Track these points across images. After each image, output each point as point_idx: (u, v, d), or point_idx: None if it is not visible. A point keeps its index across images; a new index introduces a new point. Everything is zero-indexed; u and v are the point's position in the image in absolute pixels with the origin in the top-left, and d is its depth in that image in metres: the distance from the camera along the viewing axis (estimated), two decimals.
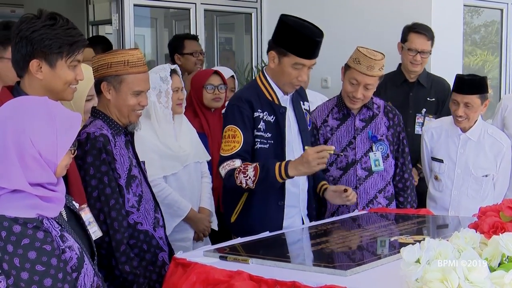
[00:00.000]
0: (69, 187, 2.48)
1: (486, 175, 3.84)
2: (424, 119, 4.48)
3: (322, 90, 5.30)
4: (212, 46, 6.62)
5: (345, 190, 3.21)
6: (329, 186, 3.36)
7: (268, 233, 2.89)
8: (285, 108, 3.20)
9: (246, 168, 3.04)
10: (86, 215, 2.48)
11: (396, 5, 5.17)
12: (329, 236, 2.85)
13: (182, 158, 3.57)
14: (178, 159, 3.56)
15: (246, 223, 3.15)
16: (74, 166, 2.58)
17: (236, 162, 3.07)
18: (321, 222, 3.21)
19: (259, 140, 3.13)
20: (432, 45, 4.58)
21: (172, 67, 3.62)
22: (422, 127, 4.31)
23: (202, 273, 2.31)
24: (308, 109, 3.39)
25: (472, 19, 6.84)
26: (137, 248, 2.82)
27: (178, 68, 3.67)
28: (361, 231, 2.99)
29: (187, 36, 5.22)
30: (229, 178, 3.08)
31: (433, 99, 4.53)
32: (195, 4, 5.77)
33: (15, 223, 1.90)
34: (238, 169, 3.05)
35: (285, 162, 3.03)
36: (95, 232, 2.53)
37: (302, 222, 3.30)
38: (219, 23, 6.78)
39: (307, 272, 2.27)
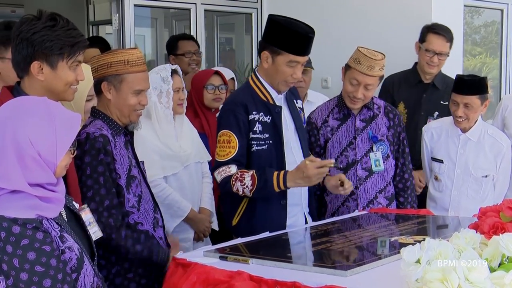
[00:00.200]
0: (68, 187, 2.48)
1: (486, 176, 3.83)
2: None
3: (322, 90, 5.30)
4: (212, 46, 6.62)
5: (342, 183, 3.22)
6: (329, 175, 3.35)
7: (269, 233, 2.89)
8: (280, 107, 3.20)
9: (243, 176, 3.05)
10: (86, 215, 2.47)
11: (397, 5, 5.16)
12: (329, 236, 2.85)
13: (183, 158, 3.57)
14: (179, 159, 3.56)
15: (249, 224, 3.15)
16: (73, 167, 2.57)
17: (232, 168, 3.08)
18: (321, 222, 3.21)
19: (256, 143, 3.14)
20: (451, 47, 4.47)
21: (173, 67, 3.62)
22: None
23: (202, 273, 2.31)
24: (302, 107, 3.40)
25: (473, 19, 6.84)
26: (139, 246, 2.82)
27: (179, 68, 3.67)
28: (361, 231, 2.99)
29: (182, 36, 5.19)
30: (225, 185, 3.10)
31: (446, 103, 4.24)
32: (195, 4, 5.77)
33: (15, 224, 1.90)
34: (235, 176, 3.06)
35: (283, 173, 3.05)
36: (95, 232, 2.52)
37: (305, 219, 3.30)
38: (219, 23, 6.78)
39: (308, 272, 2.27)
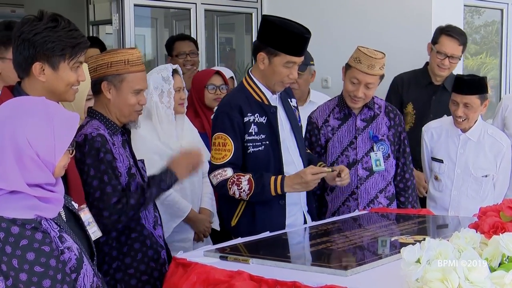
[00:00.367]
0: (69, 187, 2.48)
1: (486, 176, 3.83)
2: None
3: (322, 90, 5.29)
4: (213, 46, 6.62)
5: (339, 174, 3.20)
6: (327, 167, 3.33)
7: (269, 233, 2.89)
8: (275, 108, 3.20)
9: (240, 180, 3.06)
10: (86, 215, 2.47)
11: (397, 5, 5.16)
12: (329, 236, 2.85)
13: None
14: None
15: (248, 225, 3.14)
16: (73, 167, 2.57)
17: (228, 172, 3.08)
18: (322, 222, 3.21)
19: (252, 144, 3.13)
20: (463, 51, 4.42)
21: (174, 67, 3.62)
22: None
23: (202, 273, 2.31)
24: (296, 105, 3.40)
25: (473, 19, 6.84)
26: (139, 242, 2.83)
27: (180, 68, 3.67)
28: (361, 231, 2.99)
29: (178, 37, 5.16)
30: (222, 188, 3.11)
31: None
32: (196, 4, 5.76)
33: (13, 224, 1.89)
34: (231, 180, 3.07)
35: (281, 178, 3.06)
36: (95, 232, 2.52)
37: (304, 219, 3.30)
38: (220, 23, 6.77)
39: (308, 272, 2.27)
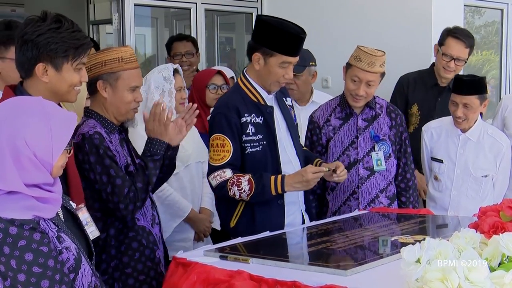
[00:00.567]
0: (69, 188, 2.48)
1: (485, 176, 3.83)
2: None
3: (323, 90, 5.29)
4: (213, 45, 6.62)
5: (335, 171, 3.18)
6: (324, 163, 3.33)
7: (269, 232, 2.89)
8: (272, 108, 3.20)
9: (239, 181, 3.06)
10: (84, 215, 2.48)
11: (397, 5, 5.16)
12: (330, 235, 2.85)
13: (184, 158, 3.57)
14: (180, 159, 3.54)
15: (247, 226, 3.14)
16: (72, 166, 2.57)
17: (227, 173, 3.08)
18: (322, 221, 3.21)
19: (249, 145, 3.13)
20: (470, 53, 4.39)
21: (175, 66, 3.62)
22: None
23: (202, 272, 2.31)
24: (292, 104, 3.41)
25: (473, 19, 6.84)
26: (137, 242, 2.83)
27: (180, 68, 3.67)
28: (362, 230, 2.99)
29: (177, 37, 5.15)
30: (221, 190, 3.10)
31: None
32: (196, 3, 5.77)
33: (12, 225, 1.89)
34: (231, 181, 3.07)
35: (281, 178, 3.06)
36: (93, 232, 2.53)
37: (302, 218, 3.30)
38: (220, 23, 6.77)
39: (308, 271, 2.27)
